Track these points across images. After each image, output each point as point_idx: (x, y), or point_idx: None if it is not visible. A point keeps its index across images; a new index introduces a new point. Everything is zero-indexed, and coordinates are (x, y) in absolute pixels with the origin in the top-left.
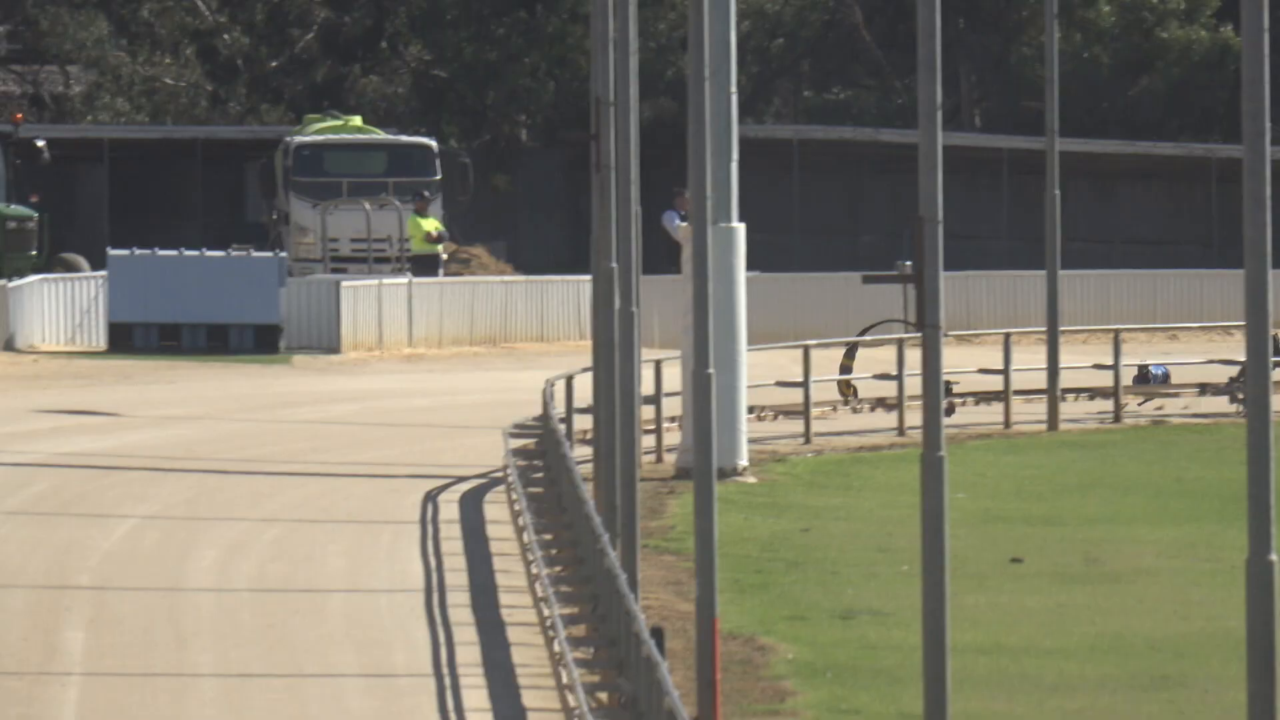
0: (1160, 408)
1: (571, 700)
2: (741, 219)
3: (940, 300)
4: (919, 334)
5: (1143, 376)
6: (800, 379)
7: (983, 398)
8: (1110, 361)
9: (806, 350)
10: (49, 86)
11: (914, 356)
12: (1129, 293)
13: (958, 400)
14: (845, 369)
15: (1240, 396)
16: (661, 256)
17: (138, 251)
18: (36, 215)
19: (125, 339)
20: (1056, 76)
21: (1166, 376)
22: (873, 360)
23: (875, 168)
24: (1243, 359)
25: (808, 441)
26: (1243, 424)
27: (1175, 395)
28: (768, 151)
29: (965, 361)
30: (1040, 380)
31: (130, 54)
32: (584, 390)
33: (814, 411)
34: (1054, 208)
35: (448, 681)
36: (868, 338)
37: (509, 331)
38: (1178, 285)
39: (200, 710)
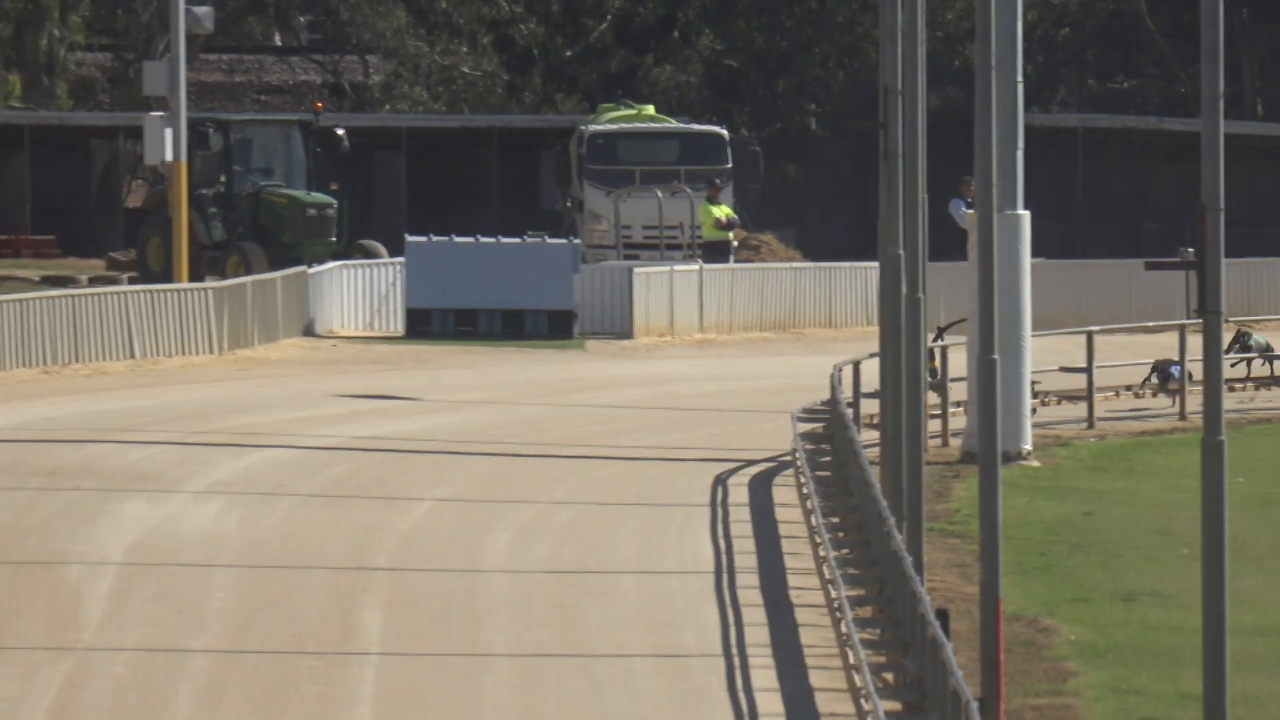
0: None
1: (858, 680)
2: (1027, 206)
3: (1221, 286)
4: (1198, 319)
5: None
6: (1083, 365)
7: (1262, 383)
8: None
9: (1090, 336)
10: (349, 76)
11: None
12: None
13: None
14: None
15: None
16: (948, 243)
17: (435, 238)
18: (336, 203)
19: (422, 324)
20: None
21: None
22: (1152, 346)
23: (1159, 156)
24: None
25: (1090, 426)
26: None
27: None
28: (1053, 140)
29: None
30: None
31: (428, 44)
32: (871, 375)
33: (1097, 396)
34: None
35: (736, 661)
36: (944, 340)
37: (798, 317)
38: None
39: (494, 689)
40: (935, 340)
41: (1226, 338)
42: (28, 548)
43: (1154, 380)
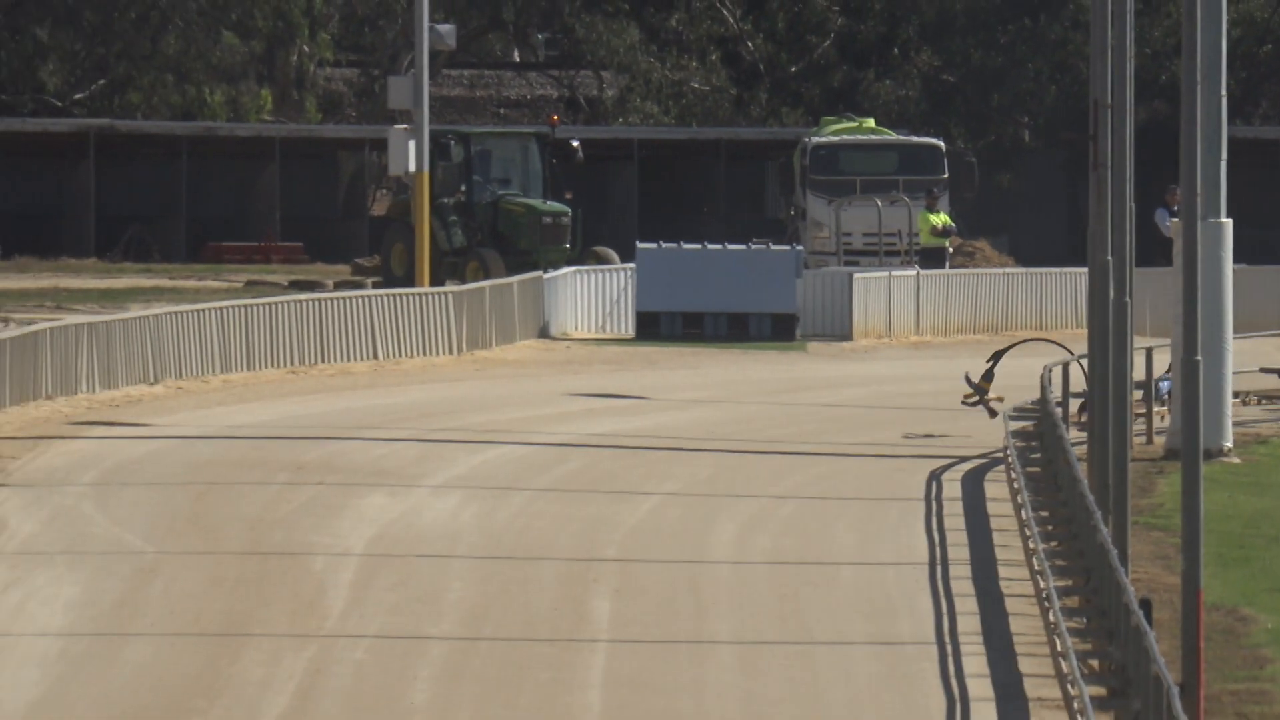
0: None
1: (1064, 667)
2: (1230, 215)
3: None
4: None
5: None
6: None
7: None
8: None
9: None
10: (583, 91)
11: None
12: None
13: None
14: (982, 389)
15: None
16: (1153, 251)
17: (664, 245)
18: (570, 211)
19: (651, 327)
20: None
21: None
22: None
23: None
24: None
25: None
26: None
27: None
28: (1256, 151)
29: None
30: None
31: (659, 60)
32: (1078, 375)
33: None
34: None
35: (949, 649)
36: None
37: (1010, 320)
38: None
39: (717, 674)
40: (991, 364)
41: None
42: (274, 540)
43: None
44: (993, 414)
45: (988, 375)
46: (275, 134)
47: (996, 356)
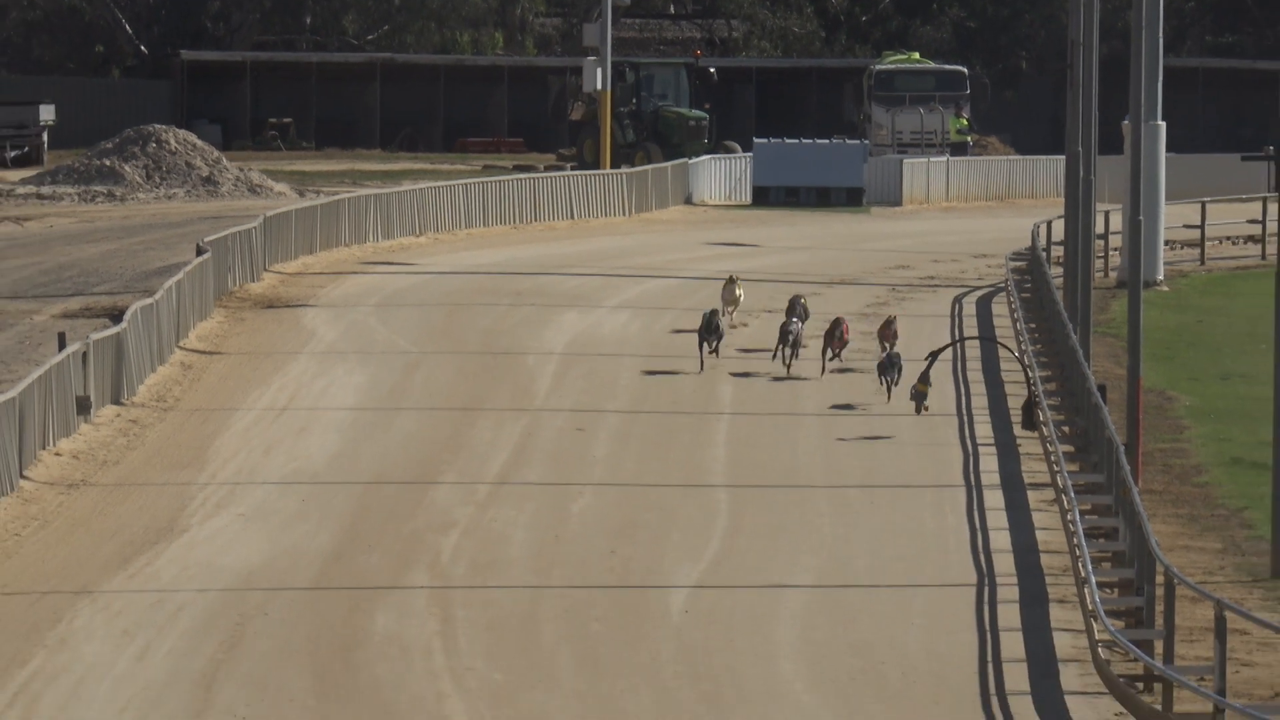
0: None
1: (1045, 431)
2: (1163, 119)
3: None
4: (1275, 194)
5: None
6: (1198, 223)
7: None
8: None
9: (1203, 205)
10: (718, 33)
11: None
12: None
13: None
14: (920, 391)
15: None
16: (1115, 144)
17: (772, 140)
18: (707, 117)
19: (762, 197)
20: None
21: None
22: (1248, 211)
23: (1250, 88)
24: None
25: (1203, 264)
26: None
27: None
28: (1181, 76)
29: None
30: None
31: (771, 11)
32: (1059, 229)
33: (1208, 245)
34: None
35: (964, 419)
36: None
37: (1011, 191)
38: None
39: (804, 432)
40: (928, 361)
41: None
42: (501, 343)
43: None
44: (921, 409)
45: (924, 377)
46: (504, 63)
47: (933, 357)
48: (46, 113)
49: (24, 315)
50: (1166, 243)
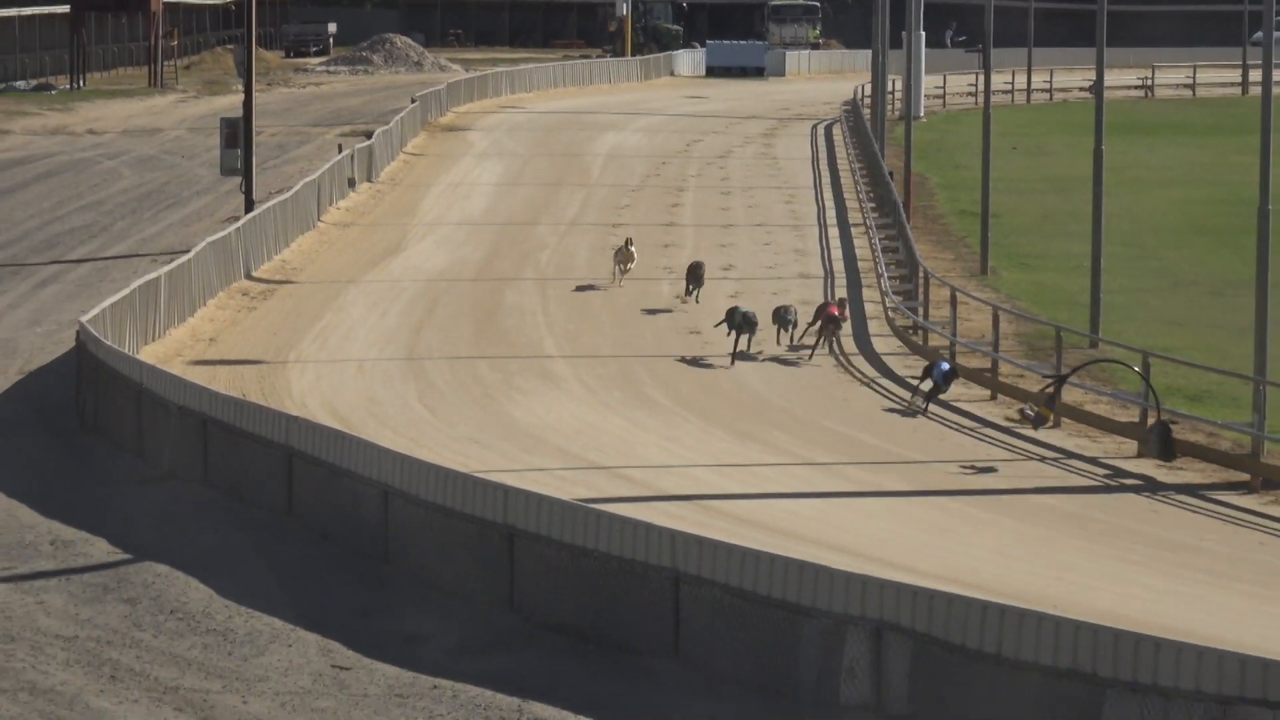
0: None
1: (860, 199)
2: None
3: None
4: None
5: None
6: (941, 86)
7: None
8: None
9: (945, 76)
10: None
11: None
12: None
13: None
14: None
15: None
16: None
17: (718, 41)
18: (681, 29)
19: (712, 72)
20: None
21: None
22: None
23: None
24: None
25: (944, 106)
26: None
27: None
28: None
29: None
30: None
31: None
32: (869, 89)
33: (949, 97)
34: None
35: (817, 191)
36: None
37: (844, 69)
38: None
39: (729, 174)
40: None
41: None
42: (572, 149)
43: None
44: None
45: (1049, 400)
46: (574, 1)
47: (1058, 383)
48: (332, 28)
49: (319, 134)
50: (926, 95)
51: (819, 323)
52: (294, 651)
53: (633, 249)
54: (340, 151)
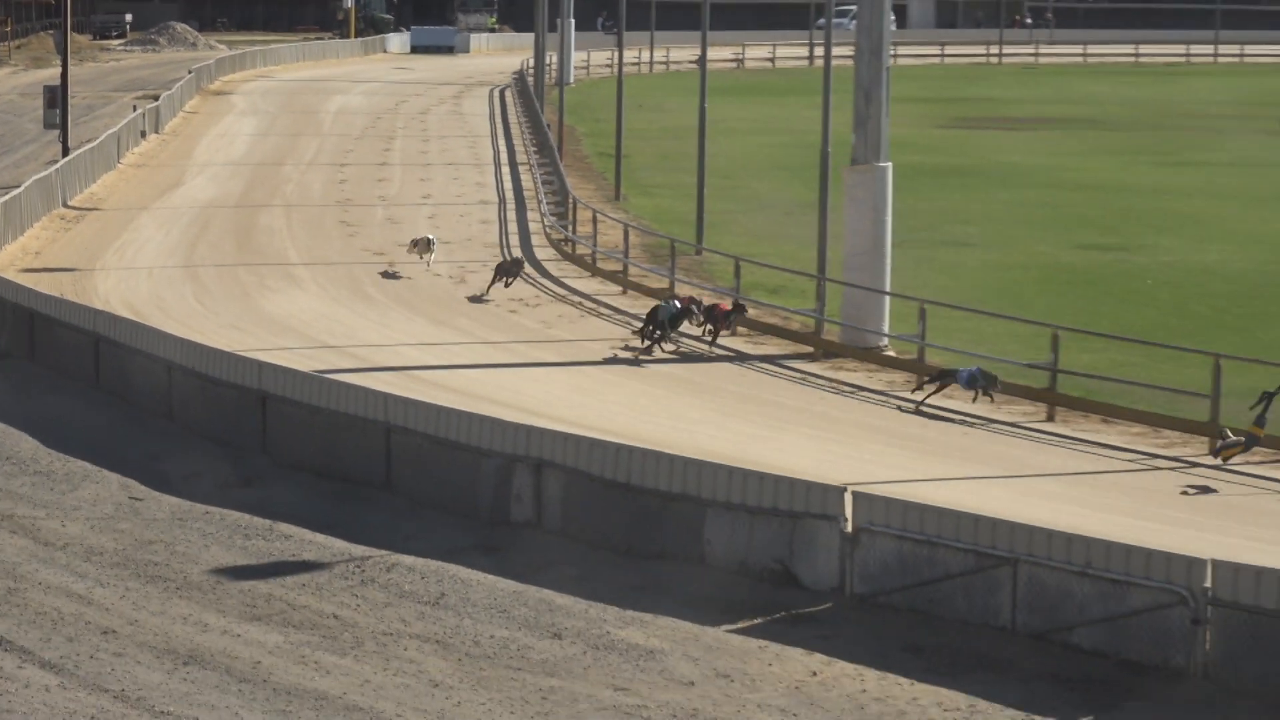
0: None
1: (527, 145)
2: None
3: None
4: None
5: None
6: (586, 58)
7: None
8: None
9: (589, 54)
10: None
11: None
12: None
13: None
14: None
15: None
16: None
17: (420, 26)
18: (392, 17)
19: (417, 50)
20: None
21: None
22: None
23: None
24: None
25: (589, 75)
26: None
27: None
28: None
29: None
30: None
31: None
32: (532, 62)
33: (592, 68)
34: None
35: (497, 140)
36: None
37: (517, 47)
38: None
39: (430, 141)
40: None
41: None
42: (309, 108)
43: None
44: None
45: (1259, 419)
46: None
47: (1267, 400)
48: (129, 17)
49: (118, 98)
50: (575, 67)
51: (710, 324)
52: (100, 487)
53: (431, 238)
54: (135, 111)
